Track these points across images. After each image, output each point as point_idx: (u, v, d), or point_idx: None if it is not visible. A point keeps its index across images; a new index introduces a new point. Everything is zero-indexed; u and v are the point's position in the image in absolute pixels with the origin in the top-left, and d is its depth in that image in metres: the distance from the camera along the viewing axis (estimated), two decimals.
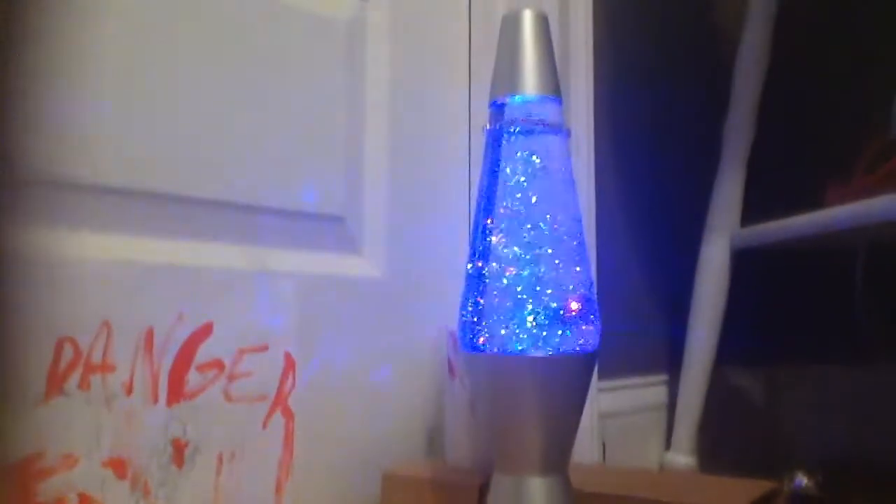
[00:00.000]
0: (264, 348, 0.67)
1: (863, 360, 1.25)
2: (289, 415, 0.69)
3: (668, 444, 1.10)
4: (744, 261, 1.11)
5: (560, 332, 0.51)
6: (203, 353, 0.63)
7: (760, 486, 0.67)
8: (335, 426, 0.74)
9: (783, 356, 1.36)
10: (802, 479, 0.91)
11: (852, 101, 1.29)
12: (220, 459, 0.64)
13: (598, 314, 0.54)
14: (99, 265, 0.58)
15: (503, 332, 0.51)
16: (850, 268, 1.21)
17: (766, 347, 1.35)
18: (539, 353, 0.50)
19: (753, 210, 1.10)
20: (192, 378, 0.62)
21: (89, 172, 0.58)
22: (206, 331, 0.63)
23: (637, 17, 1.20)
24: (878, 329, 1.17)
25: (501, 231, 0.53)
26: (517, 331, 0.51)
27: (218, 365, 0.64)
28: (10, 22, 0.53)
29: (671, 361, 1.13)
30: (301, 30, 0.75)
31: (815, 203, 0.95)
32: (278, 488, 0.68)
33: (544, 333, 0.51)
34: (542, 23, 0.56)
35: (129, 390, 0.58)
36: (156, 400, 0.59)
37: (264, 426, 0.67)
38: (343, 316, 0.76)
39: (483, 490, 0.64)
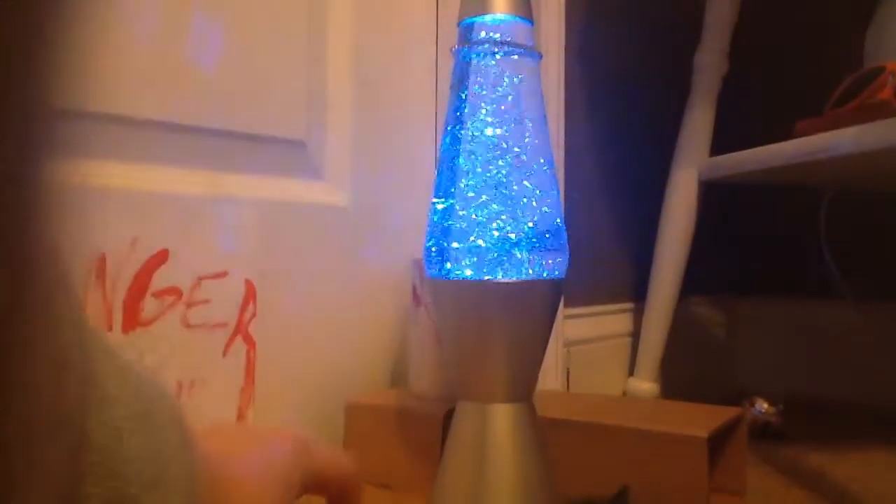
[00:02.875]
0: (223, 275, 0.66)
1: (823, 296, 1.27)
2: (250, 343, 0.68)
3: (631, 371, 1.11)
4: (712, 194, 1.10)
5: (527, 258, 0.50)
6: (159, 279, 0.61)
7: (724, 413, 0.68)
8: (298, 355, 0.73)
9: (747, 289, 1.38)
10: (763, 406, 0.92)
11: (825, 36, 1.28)
12: (180, 387, 0.62)
13: (565, 240, 0.53)
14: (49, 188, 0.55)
15: (470, 257, 0.50)
16: (815, 205, 1.21)
17: (730, 279, 1.36)
18: (506, 279, 0.49)
19: (723, 143, 1.09)
20: (148, 305, 0.60)
21: None
22: (161, 257, 0.61)
23: None
24: (839, 266, 1.18)
25: (469, 155, 0.51)
26: (484, 256, 0.50)
27: (175, 292, 0.62)
28: None
29: (636, 289, 1.14)
30: None
31: (785, 138, 0.95)
32: (240, 417, 0.67)
33: (511, 259, 0.49)
34: None
35: None
36: (110, 327, 0.57)
37: (225, 354, 0.66)
38: (306, 243, 0.74)
39: (447, 418, 0.63)
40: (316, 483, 0.33)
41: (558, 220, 0.52)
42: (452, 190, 0.51)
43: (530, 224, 0.50)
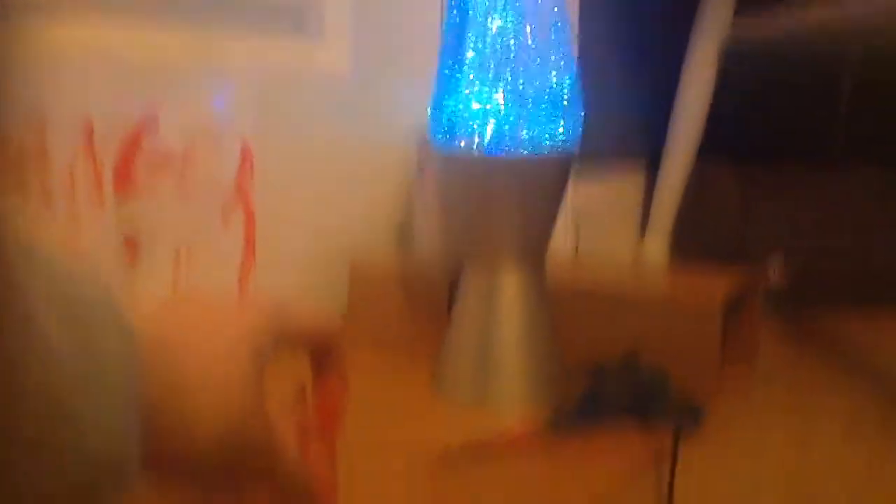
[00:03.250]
0: (218, 140, 0.63)
1: (841, 164, 1.23)
2: (248, 208, 0.66)
3: (643, 232, 1.09)
4: (734, 58, 1.05)
5: (538, 129, 0.47)
6: (150, 145, 0.58)
7: (736, 278, 0.66)
8: (299, 221, 0.71)
9: (763, 155, 1.34)
10: (774, 270, 0.91)
11: None
12: (178, 255, 0.61)
13: (578, 111, 0.49)
14: (27, 53, 0.51)
15: (476, 129, 0.47)
16: (838, 78, 1.16)
17: (746, 145, 1.32)
18: (517, 151, 0.46)
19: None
20: (140, 172, 0.57)
21: None
22: (151, 122, 0.58)
23: None
24: (858, 137, 1.15)
25: (476, 17, 0.47)
26: (491, 129, 0.46)
27: (168, 157, 0.59)
28: None
29: (650, 152, 1.10)
30: None
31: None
32: (241, 282, 0.66)
33: (521, 130, 0.46)
34: None
35: (71, 188, 0.54)
36: (101, 197, 0.55)
37: (223, 221, 0.64)
38: (306, 108, 0.70)
39: (454, 285, 0.62)
40: (296, 343, 0.33)
41: (571, 90, 0.49)
42: (460, 54, 0.48)
43: (540, 93, 0.47)
